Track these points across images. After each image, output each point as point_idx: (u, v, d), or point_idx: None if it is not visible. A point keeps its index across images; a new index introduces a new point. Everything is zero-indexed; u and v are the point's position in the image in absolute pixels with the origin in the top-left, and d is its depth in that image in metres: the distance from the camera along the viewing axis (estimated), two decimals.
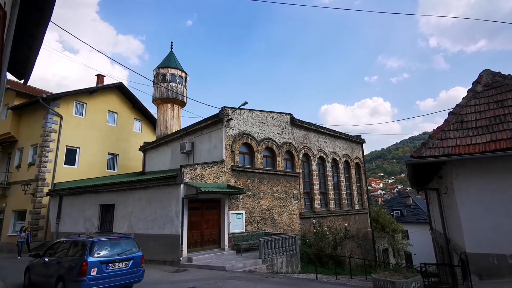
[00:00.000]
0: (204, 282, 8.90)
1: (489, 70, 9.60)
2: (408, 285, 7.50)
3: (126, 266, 7.43)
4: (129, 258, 7.55)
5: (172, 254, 11.89)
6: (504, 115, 8.01)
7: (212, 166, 13.80)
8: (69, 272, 7.15)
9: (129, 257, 7.57)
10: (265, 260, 11.70)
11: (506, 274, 6.98)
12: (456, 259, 9.17)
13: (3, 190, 20.33)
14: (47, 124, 19.14)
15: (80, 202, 16.20)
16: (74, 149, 20.54)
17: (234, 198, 14.21)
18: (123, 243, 7.88)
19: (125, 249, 7.70)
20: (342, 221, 20.19)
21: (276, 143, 17.16)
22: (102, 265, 7.07)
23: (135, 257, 7.67)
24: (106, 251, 7.37)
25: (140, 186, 13.64)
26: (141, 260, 7.83)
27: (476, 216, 7.46)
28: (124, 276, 7.34)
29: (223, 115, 14.73)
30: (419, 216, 35.71)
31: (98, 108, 22.49)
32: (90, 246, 7.20)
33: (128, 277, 7.41)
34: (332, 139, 21.70)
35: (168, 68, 22.08)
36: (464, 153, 7.48)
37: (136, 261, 7.64)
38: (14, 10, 4.19)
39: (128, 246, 7.87)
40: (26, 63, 5.99)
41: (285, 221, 16.43)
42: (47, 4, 4.73)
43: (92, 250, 7.15)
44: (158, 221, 12.69)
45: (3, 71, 4.39)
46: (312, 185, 19.09)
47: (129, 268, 7.47)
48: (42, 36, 5.34)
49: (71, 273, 7.05)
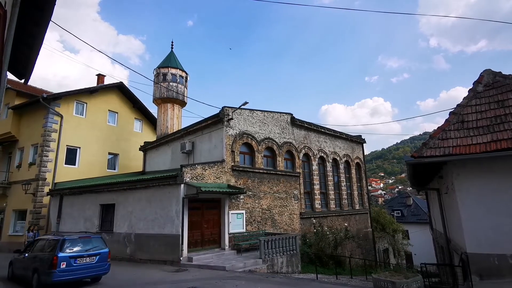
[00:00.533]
0: (205, 282, 8.90)
1: (490, 70, 9.59)
2: (408, 285, 7.49)
3: (93, 261, 8.57)
4: (96, 254, 8.68)
5: (172, 254, 11.89)
6: (505, 115, 8.00)
7: (213, 166, 13.80)
8: (42, 265, 8.22)
9: (96, 253, 8.70)
10: (265, 260, 11.70)
11: (507, 274, 6.97)
12: (456, 259, 9.16)
13: (4, 190, 20.34)
14: (48, 123, 19.15)
15: (81, 201, 16.21)
16: (75, 149, 20.55)
17: (234, 198, 14.21)
18: (92, 241, 9.03)
19: (93, 246, 8.82)
20: (342, 221, 20.18)
21: (277, 143, 17.15)
22: (71, 259, 8.19)
23: (101, 253, 8.80)
24: (75, 247, 8.51)
25: (140, 186, 13.64)
26: (108, 255, 8.94)
27: (477, 216, 7.45)
28: (91, 269, 8.51)
29: (223, 115, 14.73)
30: (419, 216, 35.69)
31: (99, 108, 22.50)
32: (60, 243, 8.30)
33: (95, 270, 8.59)
34: (332, 139, 21.68)
35: (168, 67, 22.07)
36: (465, 153, 7.47)
37: (102, 256, 8.79)
38: (15, 10, 4.18)
39: (96, 243, 9.02)
40: (27, 63, 5.99)
41: (285, 221, 16.42)
42: (47, 4, 4.73)
43: (63, 246, 8.26)
44: (158, 221, 12.69)
45: (3, 71, 4.39)
46: (312, 185, 19.08)
47: (96, 262, 8.61)
48: (42, 35, 5.33)
49: (44, 266, 8.13)
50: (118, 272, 11.07)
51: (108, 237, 14.54)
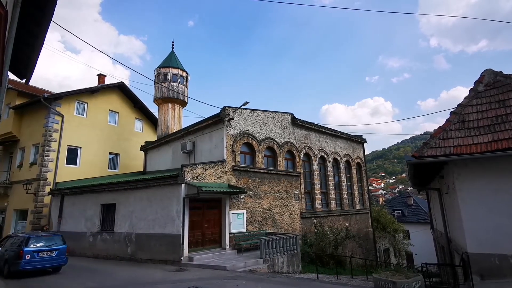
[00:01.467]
0: (205, 281, 8.90)
1: (491, 70, 9.56)
2: (409, 285, 7.48)
3: (53, 254, 10.66)
4: (55, 249, 10.78)
5: (173, 253, 11.89)
6: (506, 115, 7.98)
7: (213, 165, 13.80)
8: (12, 257, 10.19)
9: (56, 248, 10.80)
10: (266, 259, 11.69)
11: (508, 275, 6.96)
12: (457, 259, 9.14)
13: (5, 190, 20.38)
14: (49, 123, 19.18)
15: (82, 201, 16.23)
16: (76, 149, 20.58)
17: (235, 198, 14.21)
18: (53, 238, 11.09)
19: (53, 243, 10.88)
20: (343, 221, 20.17)
21: (277, 143, 17.15)
22: (34, 253, 10.18)
23: (60, 248, 10.89)
24: (38, 243, 10.48)
25: (141, 185, 13.66)
26: (66, 250, 11.03)
27: (478, 216, 7.44)
28: (51, 261, 10.59)
29: (224, 115, 14.73)
30: (420, 216, 35.65)
31: (100, 108, 22.52)
32: (26, 240, 10.32)
33: (54, 262, 10.67)
34: (333, 139, 21.67)
35: (169, 67, 22.08)
36: (466, 153, 7.46)
37: (61, 251, 10.87)
38: (16, 10, 4.19)
39: (56, 240, 11.06)
40: (28, 63, 6.00)
41: (286, 221, 16.42)
42: (48, 3, 4.74)
43: (28, 243, 10.25)
44: (159, 220, 12.70)
45: (5, 71, 4.39)
46: (313, 185, 19.07)
47: (56, 256, 10.69)
48: (43, 35, 5.34)
49: (13, 257, 10.11)
50: (119, 271, 11.11)
51: (109, 237, 14.58)
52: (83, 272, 11.23)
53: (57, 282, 9.66)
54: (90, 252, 15.10)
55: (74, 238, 15.28)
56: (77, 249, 15.46)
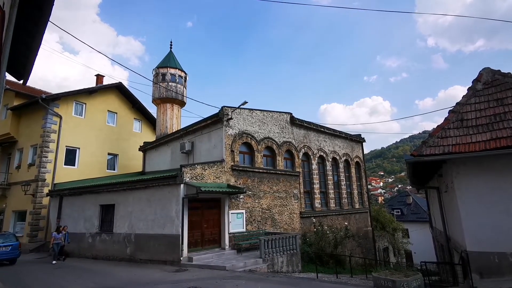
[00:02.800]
0: (205, 281, 8.89)
1: (489, 68, 9.59)
2: (408, 284, 7.50)
3: (8, 249, 13.27)
4: (9, 245, 13.43)
5: (172, 253, 11.88)
6: (504, 113, 8.00)
7: (212, 165, 13.79)
8: None
9: (9, 244, 13.45)
10: (265, 259, 11.69)
11: (507, 273, 6.98)
12: (456, 258, 9.17)
13: (3, 191, 20.32)
14: (47, 124, 19.12)
15: (80, 202, 16.19)
16: (74, 149, 20.53)
17: (234, 198, 14.20)
18: (9, 236, 14.00)
19: (7, 240, 13.60)
20: (342, 220, 20.19)
21: (276, 143, 17.15)
22: None
23: (13, 244, 13.57)
24: None
25: (140, 186, 13.63)
26: (18, 246, 13.72)
27: (477, 215, 7.46)
28: (5, 254, 13.17)
29: (223, 115, 14.71)
30: (419, 215, 35.72)
31: (98, 108, 22.47)
32: None
33: (9, 255, 13.25)
34: (332, 138, 21.68)
35: (167, 67, 22.04)
36: (465, 151, 7.47)
37: (14, 247, 13.53)
38: (13, 10, 4.16)
39: (10, 238, 13.83)
40: (25, 63, 5.96)
41: (285, 221, 16.42)
42: (46, 4, 4.71)
43: None
44: (158, 221, 12.68)
45: (2, 71, 4.37)
46: (312, 184, 19.08)
47: (10, 250, 13.31)
48: (41, 35, 5.30)
49: None
50: (119, 272, 11.09)
51: (108, 238, 14.54)
52: (83, 272, 11.22)
53: (57, 282, 9.64)
54: (89, 253, 15.07)
55: (73, 239, 15.25)
56: (76, 250, 15.43)
